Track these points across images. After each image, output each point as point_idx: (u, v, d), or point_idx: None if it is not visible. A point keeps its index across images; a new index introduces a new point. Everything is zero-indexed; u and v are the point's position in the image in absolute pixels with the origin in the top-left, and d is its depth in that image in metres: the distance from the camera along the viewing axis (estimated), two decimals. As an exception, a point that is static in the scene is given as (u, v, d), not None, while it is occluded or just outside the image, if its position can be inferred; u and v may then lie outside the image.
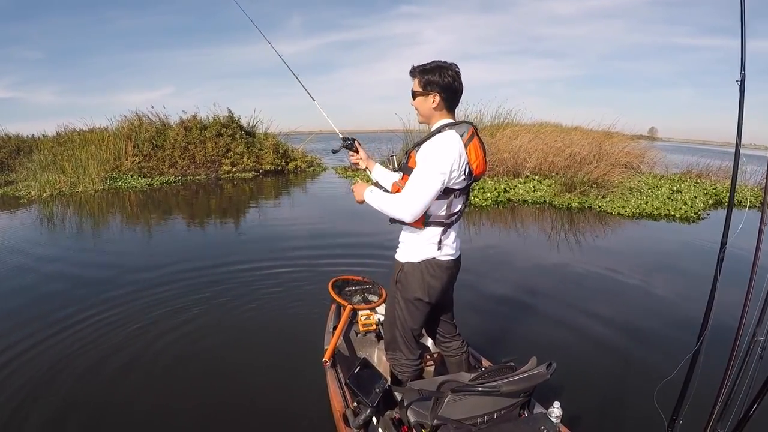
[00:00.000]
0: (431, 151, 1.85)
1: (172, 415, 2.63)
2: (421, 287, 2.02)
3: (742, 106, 1.67)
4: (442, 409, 1.71)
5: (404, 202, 1.86)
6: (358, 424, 1.89)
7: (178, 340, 3.50)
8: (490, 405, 1.79)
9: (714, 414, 1.63)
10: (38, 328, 3.66)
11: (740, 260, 2.22)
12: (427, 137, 1.94)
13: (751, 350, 1.58)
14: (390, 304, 2.17)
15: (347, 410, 2.02)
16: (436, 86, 1.92)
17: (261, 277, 4.91)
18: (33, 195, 11.31)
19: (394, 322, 2.13)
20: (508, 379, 1.75)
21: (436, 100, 1.94)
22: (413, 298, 2.04)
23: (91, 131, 14.71)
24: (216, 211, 9.62)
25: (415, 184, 1.85)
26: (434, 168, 1.83)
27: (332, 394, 2.24)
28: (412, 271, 2.02)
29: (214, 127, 14.44)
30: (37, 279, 5.00)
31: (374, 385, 1.90)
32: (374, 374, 1.95)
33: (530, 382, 1.76)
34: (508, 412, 1.84)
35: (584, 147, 12.56)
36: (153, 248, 6.52)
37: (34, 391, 2.83)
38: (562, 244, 6.70)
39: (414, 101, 2.01)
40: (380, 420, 1.90)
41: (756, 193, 10.80)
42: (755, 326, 1.57)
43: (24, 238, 6.93)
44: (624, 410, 2.73)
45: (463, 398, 1.72)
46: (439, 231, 1.97)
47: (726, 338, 1.67)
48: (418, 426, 1.75)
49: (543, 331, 3.82)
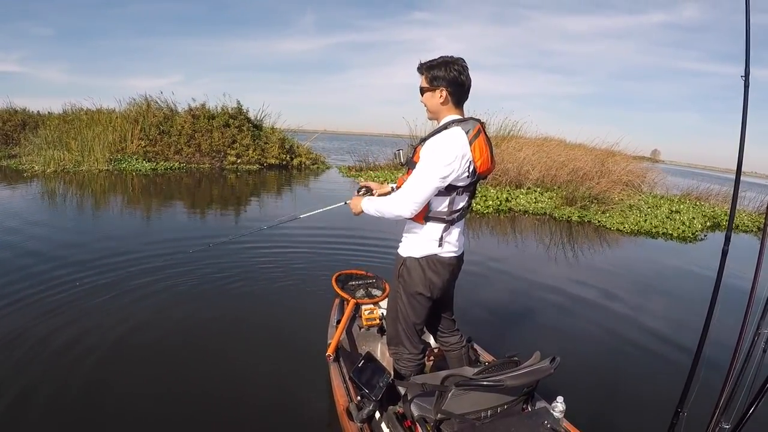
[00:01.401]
0: (434, 147, 1.86)
1: (173, 407, 2.60)
2: (423, 282, 2.03)
3: (746, 101, 1.68)
4: (445, 403, 1.70)
5: (401, 198, 1.88)
6: (361, 418, 1.89)
7: (176, 333, 3.44)
8: (494, 399, 1.79)
9: (719, 406, 1.63)
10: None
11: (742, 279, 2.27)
12: (433, 132, 1.94)
13: (755, 343, 1.58)
14: (392, 299, 2.18)
15: (350, 404, 2.01)
16: (442, 81, 1.92)
17: (264, 270, 4.90)
18: (37, 170, 11.35)
19: (396, 317, 2.15)
20: (511, 374, 1.73)
21: (443, 95, 1.94)
22: (415, 293, 2.05)
23: (99, 111, 14.74)
24: (218, 200, 9.64)
25: (414, 179, 1.87)
26: (434, 164, 1.84)
27: (335, 388, 2.24)
28: (414, 266, 2.03)
29: (222, 117, 14.48)
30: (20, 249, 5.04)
31: (378, 380, 1.90)
32: (378, 368, 1.95)
33: (534, 377, 1.76)
34: (511, 407, 1.84)
35: (587, 163, 12.67)
36: (151, 232, 6.52)
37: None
38: (562, 255, 6.78)
39: (423, 98, 2.01)
40: (383, 414, 1.90)
41: (754, 219, 10.92)
42: (759, 319, 1.57)
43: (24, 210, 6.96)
44: (628, 404, 2.75)
45: (466, 392, 1.72)
46: (440, 227, 1.98)
47: (729, 333, 1.68)
48: (422, 420, 1.75)
49: (546, 328, 3.90)
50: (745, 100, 1.69)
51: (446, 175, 1.85)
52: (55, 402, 2.53)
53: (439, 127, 1.95)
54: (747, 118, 1.68)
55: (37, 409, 2.46)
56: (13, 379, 2.68)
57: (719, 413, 1.62)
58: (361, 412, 1.90)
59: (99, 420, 2.44)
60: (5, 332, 3.20)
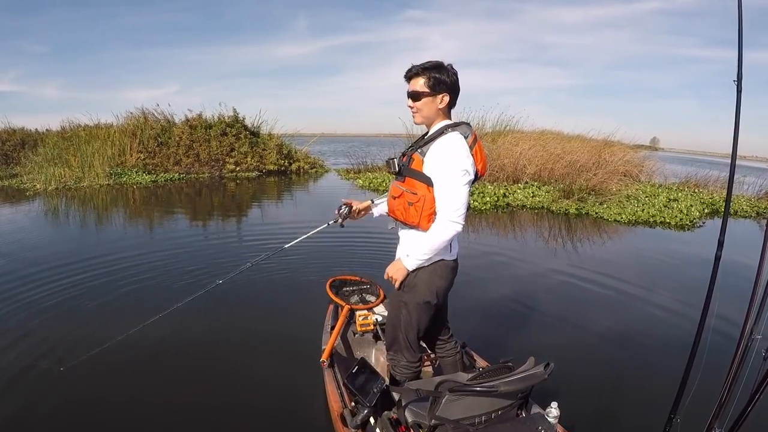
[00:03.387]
0: (448, 155, 1.84)
1: (167, 413, 2.61)
2: (431, 290, 2.02)
3: (738, 107, 1.67)
4: (439, 409, 1.70)
5: (449, 217, 1.85)
6: (355, 424, 1.88)
7: (172, 339, 3.45)
8: (488, 405, 1.79)
9: (714, 412, 1.63)
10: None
11: (738, 268, 2.28)
12: (429, 139, 1.92)
13: (749, 348, 1.59)
14: (395, 308, 2.15)
15: (345, 410, 2.01)
16: (444, 86, 1.89)
17: (257, 276, 4.88)
18: (38, 188, 11.42)
19: (398, 326, 2.12)
20: (505, 379, 1.73)
21: (444, 101, 1.91)
22: (423, 302, 2.03)
23: (97, 126, 14.85)
24: (219, 208, 9.74)
25: (451, 192, 1.84)
26: (459, 170, 1.83)
27: (330, 394, 2.24)
28: (423, 275, 2.00)
29: (219, 126, 14.61)
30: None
31: (372, 385, 1.89)
32: (372, 374, 1.94)
33: (528, 382, 1.75)
34: (505, 413, 1.84)
35: (583, 155, 12.70)
36: (154, 243, 6.56)
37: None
38: (558, 249, 6.82)
39: (418, 102, 1.93)
40: (378, 420, 1.89)
41: (753, 204, 10.93)
42: (753, 325, 1.59)
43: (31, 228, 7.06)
44: (622, 409, 2.75)
45: (460, 398, 1.72)
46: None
47: (723, 337, 1.69)
48: (416, 426, 1.75)
49: (541, 332, 3.87)
50: (738, 105, 1.68)
51: (469, 179, 1.88)
52: (55, 415, 2.57)
53: (435, 132, 1.92)
54: (740, 122, 1.67)
55: (39, 421, 2.52)
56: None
57: (713, 418, 1.63)
58: (355, 417, 1.90)
59: (91, 424, 2.50)
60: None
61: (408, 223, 1.97)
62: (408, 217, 1.95)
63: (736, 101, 1.67)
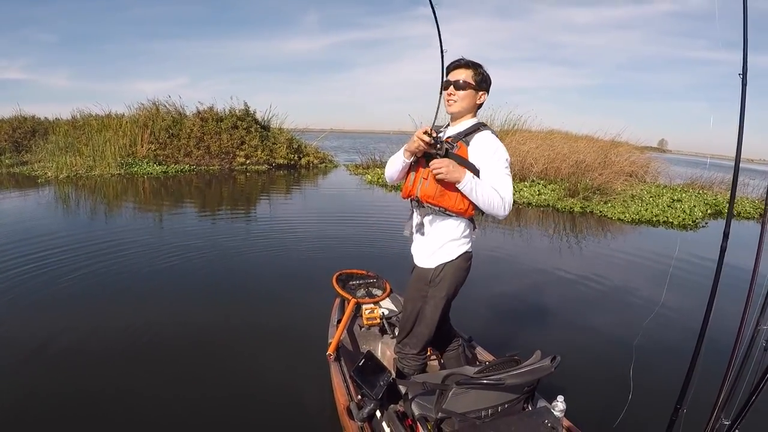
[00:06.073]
0: (499, 148, 1.92)
1: (174, 404, 2.62)
2: (455, 285, 2.04)
3: (743, 101, 1.68)
4: (446, 402, 1.70)
5: (507, 199, 1.89)
6: (362, 417, 1.89)
7: (180, 330, 3.48)
8: (494, 398, 1.79)
9: (718, 402, 1.64)
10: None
11: (740, 267, 2.35)
12: (469, 131, 1.95)
13: (755, 339, 1.59)
14: (414, 301, 2.12)
15: (351, 403, 2.01)
16: (486, 85, 1.96)
17: (264, 270, 4.97)
18: (50, 175, 11.62)
19: (415, 320, 2.11)
20: (512, 373, 1.72)
21: (483, 99, 1.98)
22: (448, 295, 2.05)
23: (108, 116, 15.04)
24: (229, 200, 9.87)
25: (506, 180, 1.90)
26: (507, 162, 1.93)
27: (336, 387, 2.24)
28: (450, 270, 2.02)
29: (230, 119, 14.74)
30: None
31: (378, 379, 1.89)
32: (378, 367, 1.94)
33: (534, 376, 1.75)
34: (512, 406, 1.84)
35: (590, 155, 12.78)
36: (165, 233, 6.65)
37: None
38: (563, 246, 6.94)
39: (461, 92, 1.94)
40: (384, 413, 1.89)
41: (756, 205, 11.01)
42: (758, 315, 1.59)
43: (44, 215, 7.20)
44: (627, 402, 2.72)
45: (467, 391, 1.72)
46: (472, 224, 2.04)
47: (728, 329, 1.68)
48: (422, 419, 1.75)
49: (546, 327, 3.91)
50: (742, 100, 1.68)
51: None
52: (58, 404, 2.59)
53: (472, 127, 1.97)
54: (744, 117, 1.67)
55: (39, 411, 2.54)
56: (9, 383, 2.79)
57: (719, 409, 1.64)
58: (361, 411, 1.91)
59: (95, 416, 2.51)
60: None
61: (444, 206, 1.93)
62: (446, 201, 1.91)
63: (741, 95, 1.68)
